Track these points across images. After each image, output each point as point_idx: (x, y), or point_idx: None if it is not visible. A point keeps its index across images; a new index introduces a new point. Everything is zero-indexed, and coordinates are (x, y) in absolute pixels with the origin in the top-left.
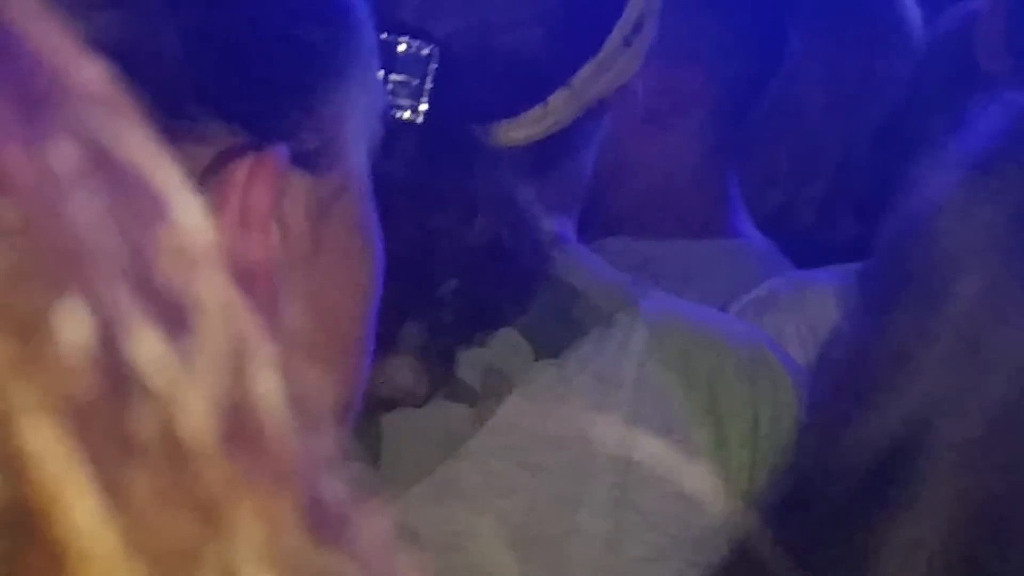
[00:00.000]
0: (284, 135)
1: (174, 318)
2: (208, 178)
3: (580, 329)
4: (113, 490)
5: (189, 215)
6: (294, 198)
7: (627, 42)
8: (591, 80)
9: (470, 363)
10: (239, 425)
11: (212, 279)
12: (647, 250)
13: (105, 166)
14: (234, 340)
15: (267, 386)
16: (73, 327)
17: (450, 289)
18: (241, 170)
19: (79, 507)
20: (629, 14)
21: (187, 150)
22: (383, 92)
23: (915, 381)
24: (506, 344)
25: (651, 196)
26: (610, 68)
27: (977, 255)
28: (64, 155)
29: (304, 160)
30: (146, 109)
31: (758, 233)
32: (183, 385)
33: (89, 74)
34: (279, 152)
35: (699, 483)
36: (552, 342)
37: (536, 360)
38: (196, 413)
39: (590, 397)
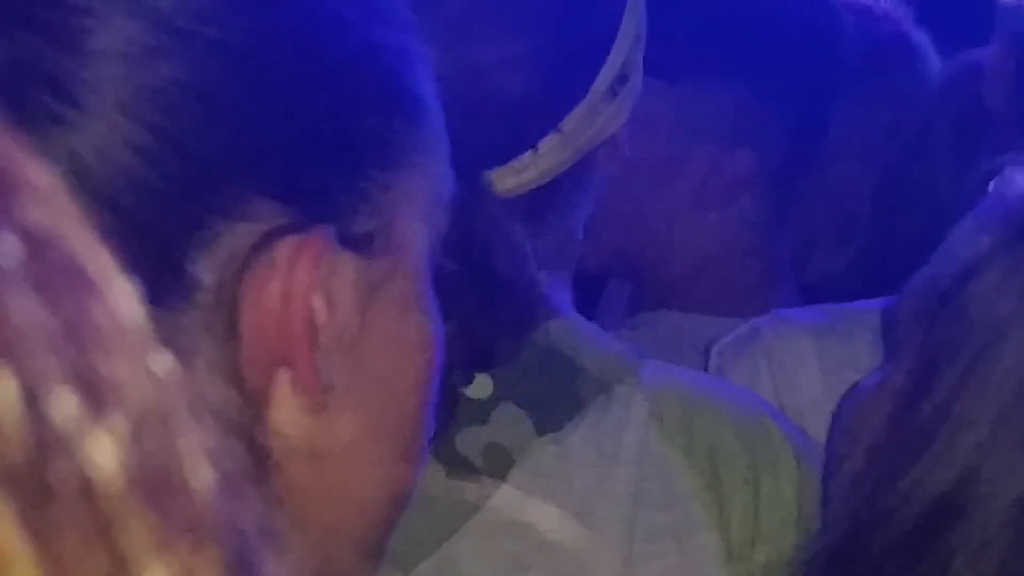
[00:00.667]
0: (333, 216)
1: (96, 387)
2: (255, 256)
3: (580, 402)
4: (39, 539)
5: (125, 305)
6: (343, 279)
7: (613, 91)
8: (580, 126)
9: (471, 439)
10: (158, 486)
11: (137, 357)
12: (691, 325)
13: (46, 257)
14: (155, 413)
15: (190, 455)
16: (2, 391)
17: (451, 331)
18: (285, 249)
19: (9, 554)
20: (613, 61)
21: (235, 228)
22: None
23: (965, 436)
24: (507, 419)
25: (698, 272)
26: (598, 116)
27: (1020, 318)
28: (7, 248)
29: (355, 242)
30: (188, 189)
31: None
32: (97, 447)
33: (34, 172)
34: (325, 233)
35: (703, 558)
36: (553, 416)
37: (537, 435)
38: (108, 473)
39: (592, 473)
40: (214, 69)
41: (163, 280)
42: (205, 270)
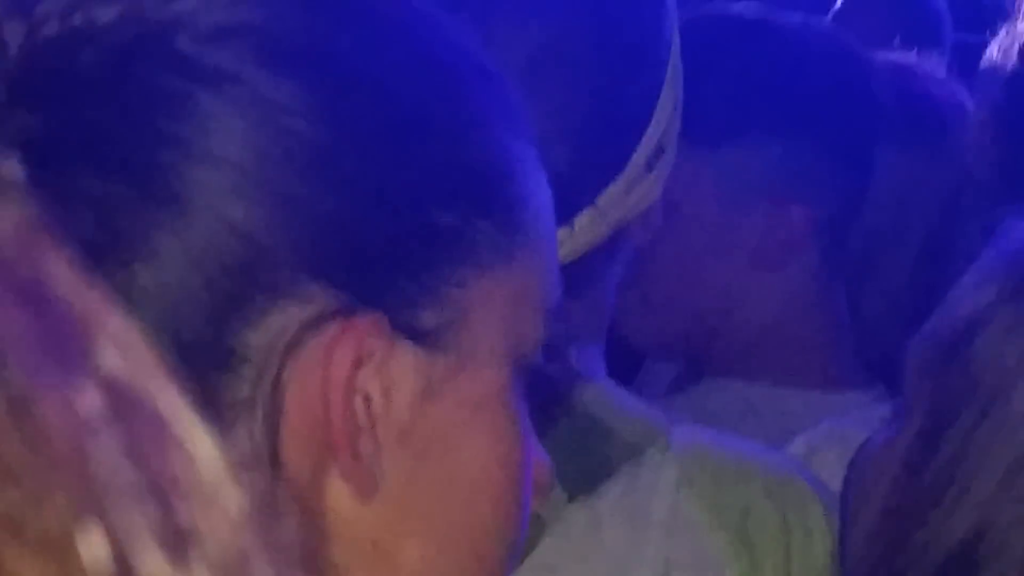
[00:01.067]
0: (392, 306)
1: (178, 538)
2: (302, 338)
3: (611, 466)
4: None
5: (200, 448)
6: (401, 369)
7: (649, 166)
8: (616, 202)
9: None
10: None
11: (215, 501)
12: (757, 397)
13: (126, 405)
14: (232, 554)
15: None
16: (92, 547)
17: None
18: (329, 333)
19: None
20: (650, 136)
21: (285, 308)
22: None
23: (977, 489)
24: None
25: (765, 336)
26: (633, 191)
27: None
28: (90, 399)
29: (418, 334)
30: (243, 268)
31: (866, 381)
32: None
33: (113, 321)
34: (373, 319)
35: None
36: (584, 481)
37: (568, 500)
38: None
39: (623, 537)
40: (291, 162)
41: (208, 355)
42: (250, 347)
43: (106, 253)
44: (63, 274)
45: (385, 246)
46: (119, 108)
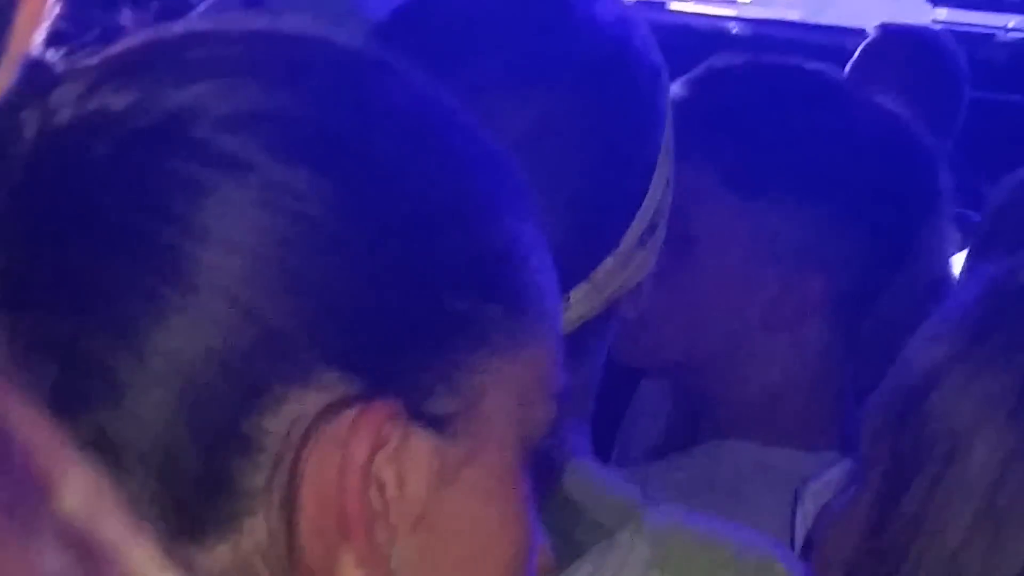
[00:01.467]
0: (407, 392)
1: None
2: (318, 425)
3: (580, 548)
4: None
5: None
6: (416, 455)
7: (642, 241)
8: (610, 277)
9: None
10: None
11: None
12: (768, 458)
13: (88, 559)
14: None
15: None
16: None
17: None
18: (345, 420)
19: None
20: (645, 211)
21: (301, 395)
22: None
23: (939, 546)
24: None
25: (765, 400)
26: (627, 265)
27: (983, 424)
28: (50, 558)
29: (433, 420)
30: (257, 356)
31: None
32: None
33: (74, 471)
34: (389, 406)
35: None
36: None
37: None
38: None
39: None
40: (305, 247)
41: (224, 443)
42: (266, 434)
43: (115, 343)
44: (25, 424)
45: (399, 332)
46: (131, 194)
